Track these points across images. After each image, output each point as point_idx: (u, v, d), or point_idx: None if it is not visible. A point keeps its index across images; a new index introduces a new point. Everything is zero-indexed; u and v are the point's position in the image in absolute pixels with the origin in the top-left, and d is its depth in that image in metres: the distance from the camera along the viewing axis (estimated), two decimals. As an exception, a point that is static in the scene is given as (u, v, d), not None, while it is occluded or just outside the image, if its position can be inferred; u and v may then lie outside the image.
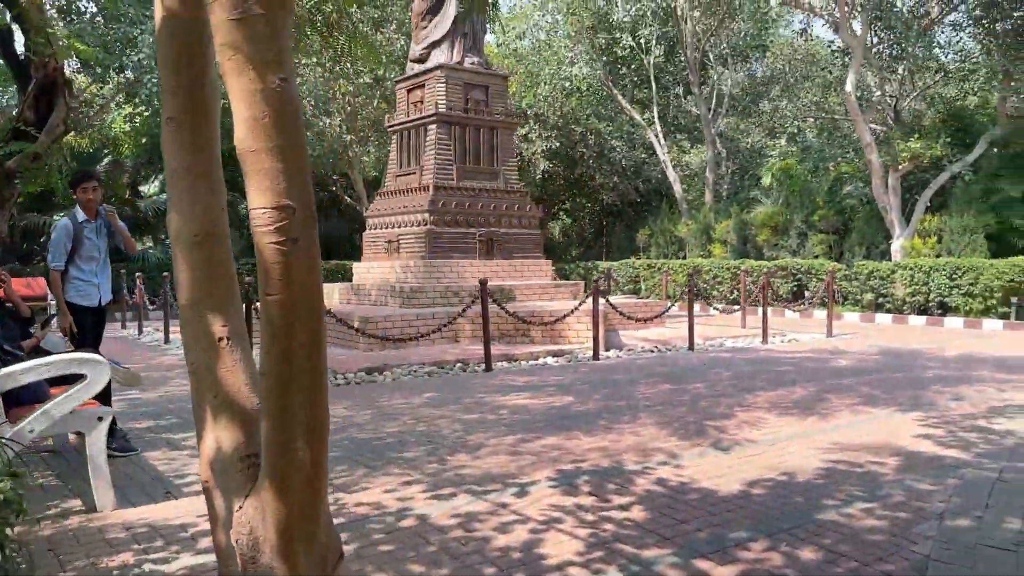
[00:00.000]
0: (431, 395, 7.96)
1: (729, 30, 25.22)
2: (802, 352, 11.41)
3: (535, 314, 12.03)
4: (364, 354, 10.92)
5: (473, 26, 14.74)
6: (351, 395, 8.05)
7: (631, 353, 11.59)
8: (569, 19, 22.75)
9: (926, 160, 17.33)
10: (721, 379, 8.84)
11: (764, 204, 21.96)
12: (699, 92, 24.74)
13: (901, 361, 10.25)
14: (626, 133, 26.69)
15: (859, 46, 16.92)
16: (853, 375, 9.01)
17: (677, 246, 24.24)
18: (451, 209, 13.96)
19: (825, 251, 19.54)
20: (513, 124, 15.19)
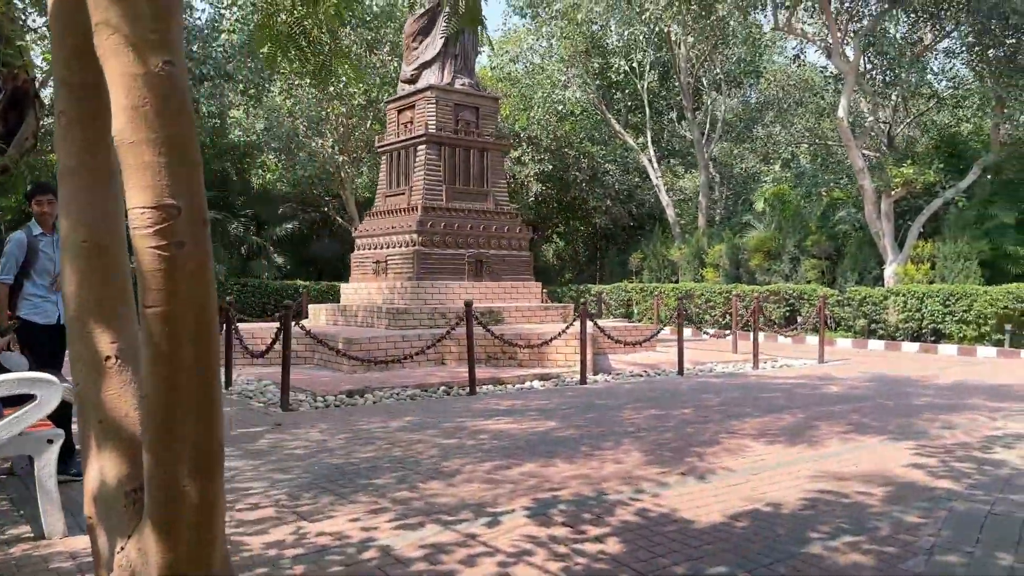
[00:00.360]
0: (411, 419, 7.76)
1: (723, 55, 25.29)
2: (793, 378, 11.24)
3: (522, 337, 11.84)
4: (347, 376, 10.71)
5: (464, 47, 14.69)
6: (328, 418, 7.84)
7: (619, 377, 11.40)
8: (563, 43, 22.78)
9: (919, 186, 17.28)
10: (709, 405, 8.65)
11: (757, 229, 21.89)
12: (692, 117, 24.76)
13: (893, 388, 10.08)
14: (619, 157, 26.67)
15: (852, 72, 16.91)
16: (843, 402, 8.84)
17: (670, 270, 24.13)
18: (440, 230, 13.82)
19: (818, 276, 19.43)
20: (503, 145, 15.10)
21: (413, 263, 13.53)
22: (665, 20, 19.37)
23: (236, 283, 20.82)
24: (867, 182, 17.21)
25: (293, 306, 8.90)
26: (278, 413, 8.18)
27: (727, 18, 18.35)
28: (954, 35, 19.49)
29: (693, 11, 17.44)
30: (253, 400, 9.08)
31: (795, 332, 16.63)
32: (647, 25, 19.36)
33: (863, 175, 17.25)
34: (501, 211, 14.77)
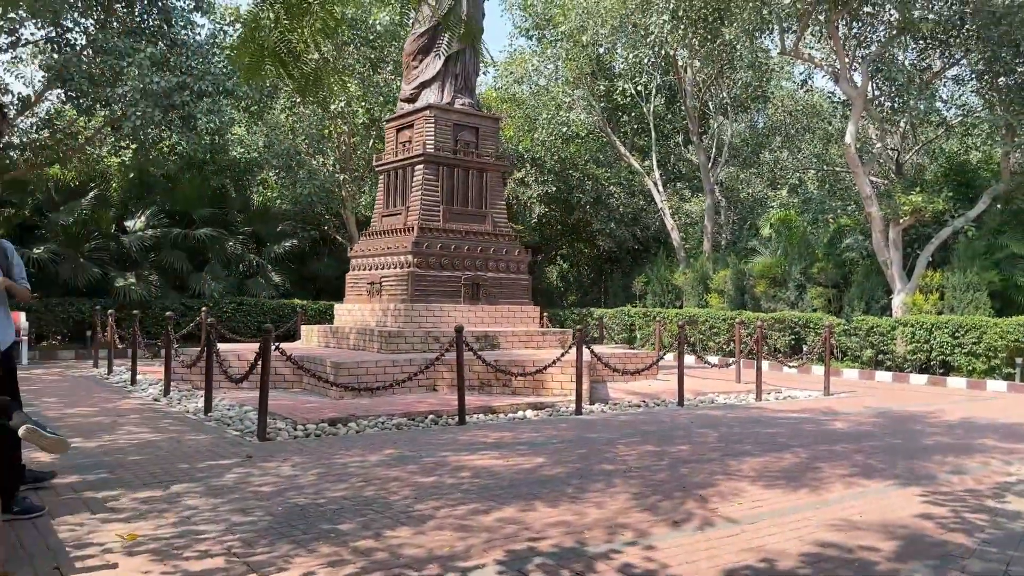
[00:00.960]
0: (392, 451, 7.38)
1: (730, 80, 25.04)
2: (796, 411, 10.83)
3: (516, 363, 11.47)
4: (333, 402, 10.36)
5: (465, 67, 14.46)
6: (304, 450, 7.47)
7: (616, 408, 11.01)
8: (568, 64, 22.56)
9: (928, 214, 16.90)
10: (707, 441, 8.25)
11: (763, 255, 21.51)
12: (699, 141, 24.47)
13: (900, 425, 9.66)
14: (624, 180, 26.38)
15: (859, 98, 16.61)
16: (848, 440, 8.43)
17: (674, 295, 23.75)
18: (436, 251, 13.50)
19: (824, 305, 19.02)
20: (503, 166, 14.82)
21: (408, 285, 13.20)
22: (671, 44, 19.13)
23: (232, 302, 20.52)
24: (875, 209, 16.85)
25: (273, 329, 8.56)
26: (254, 443, 7.82)
27: (734, 42, 18.09)
28: (963, 63, 19.20)
29: (699, 35, 17.18)
30: (231, 428, 8.72)
31: (801, 362, 16.21)
32: (652, 48, 19.11)
33: (870, 202, 16.89)
34: (500, 233, 14.45)
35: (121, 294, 19.21)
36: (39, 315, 18.36)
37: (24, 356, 16.41)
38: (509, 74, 24.41)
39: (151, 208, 20.89)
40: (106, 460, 6.87)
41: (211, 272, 20.92)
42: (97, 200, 20.31)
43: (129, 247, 19.90)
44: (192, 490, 5.80)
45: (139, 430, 8.48)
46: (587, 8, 20.47)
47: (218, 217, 22.05)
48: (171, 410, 10.08)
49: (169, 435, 8.17)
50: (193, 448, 7.46)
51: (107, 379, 13.72)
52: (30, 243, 19.02)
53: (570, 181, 24.43)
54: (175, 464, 6.71)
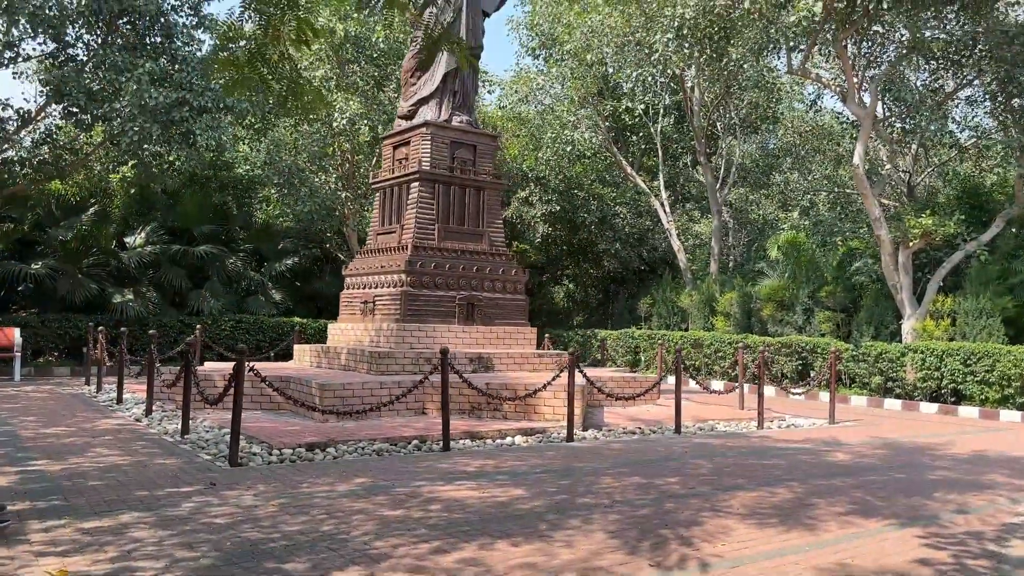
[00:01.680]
0: (364, 480, 7.04)
1: (738, 100, 24.74)
2: (798, 441, 10.40)
3: (508, 386, 11.13)
4: (317, 425, 10.04)
5: (463, 85, 14.23)
6: (275, 477, 7.14)
7: (610, 434, 10.62)
8: (573, 83, 22.34)
9: (938, 238, 16.45)
10: (699, 473, 7.86)
11: (770, 277, 21.08)
12: (706, 161, 24.16)
13: (905, 458, 9.23)
14: (631, 200, 26.07)
15: (868, 118, 16.25)
16: (848, 474, 8.01)
17: (680, 317, 23.33)
18: (430, 270, 13.20)
19: (832, 329, 18.56)
20: (501, 184, 14.54)
21: (400, 304, 12.90)
22: (676, 63, 18.87)
23: (230, 319, 20.29)
24: (884, 232, 16.44)
25: (247, 349, 8.25)
26: (224, 469, 7.50)
27: (740, 61, 17.81)
28: (976, 83, 18.83)
29: (705, 54, 16.91)
30: (205, 451, 8.41)
31: (807, 389, 15.75)
32: (655, 67, 18.84)
33: (879, 224, 16.48)
34: (496, 252, 14.15)
35: (119, 311, 19.02)
36: (36, 331, 18.19)
37: (17, 372, 16.21)
38: (514, 92, 24.21)
39: (151, 224, 20.75)
40: (64, 485, 6.57)
41: (210, 289, 20.72)
42: (97, 216, 20.20)
43: (128, 263, 19.74)
44: (142, 520, 5.48)
45: (109, 452, 8.19)
46: (592, 27, 20.26)
47: (219, 234, 21.88)
48: (149, 431, 9.79)
49: (138, 458, 7.87)
50: (158, 473, 7.15)
51: (95, 397, 13.47)
52: (30, 258, 18.91)
53: (575, 200, 24.14)
54: (133, 491, 6.39)
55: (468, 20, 14.07)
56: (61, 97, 15.43)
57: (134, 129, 15.69)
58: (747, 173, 30.15)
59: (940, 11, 16.33)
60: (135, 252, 19.99)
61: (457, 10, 14.03)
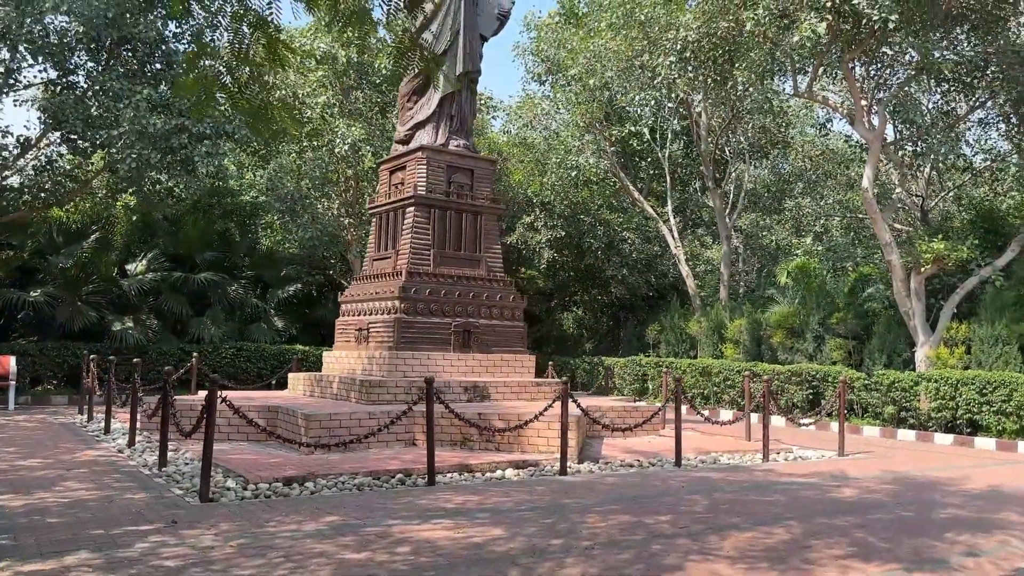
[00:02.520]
0: (335, 519, 6.68)
1: (747, 124, 24.43)
2: (803, 475, 9.93)
3: (502, 416, 10.75)
4: (300, 458, 9.69)
5: (461, 109, 14.03)
6: (242, 514, 6.80)
7: (607, 467, 10.20)
8: (578, 108, 22.13)
9: (951, 263, 15.97)
10: (693, 510, 7.44)
11: (780, 304, 20.61)
12: (714, 187, 23.83)
13: (914, 494, 8.75)
14: (638, 225, 25.73)
15: (876, 140, 15.88)
16: (852, 512, 7.55)
17: (688, 344, 22.87)
18: (424, 297, 12.90)
19: (844, 357, 18.04)
20: (498, 209, 14.25)
21: (394, 332, 12.59)
22: (679, 86, 18.62)
23: (231, 347, 20.06)
24: (895, 257, 15.99)
25: (218, 379, 7.95)
26: (193, 505, 7.17)
27: (746, 85, 17.53)
28: (989, 105, 18.42)
29: (709, 77, 16.64)
30: (179, 485, 8.09)
31: (816, 419, 15.25)
32: (658, 90, 18.58)
33: (890, 249, 16.04)
34: (494, 278, 13.84)
35: (118, 338, 18.83)
36: (34, 359, 18.02)
37: (11, 401, 16.00)
38: (518, 118, 24.04)
39: (153, 251, 20.61)
40: (20, 523, 6.25)
41: (211, 317, 20.51)
42: (99, 243, 20.10)
43: (128, 291, 19.58)
44: (88, 563, 5.15)
45: (79, 486, 7.88)
46: (595, 51, 20.07)
47: (222, 261, 21.72)
48: (129, 463, 9.49)
49: (107, 493, 7.56)
50: (123, 509, 6.83)
51: (84, 427, 13.21)
52: (30, 286, 18.79)
53: (581, 226, 23.83)
54: (89, 530, 6.07)
55: (465, 43, 13.90)
56: (59, 124, 15.38)
57: (132, 156, 15.58)
58: (758, 198, 29.78)
59: (950, 31, 16.00)
60: (135, 279, 19.84)
61: (454, 33, 13.87)
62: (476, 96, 14.82)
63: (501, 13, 14.76)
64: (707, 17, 15.71)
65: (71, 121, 15.23)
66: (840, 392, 12.78)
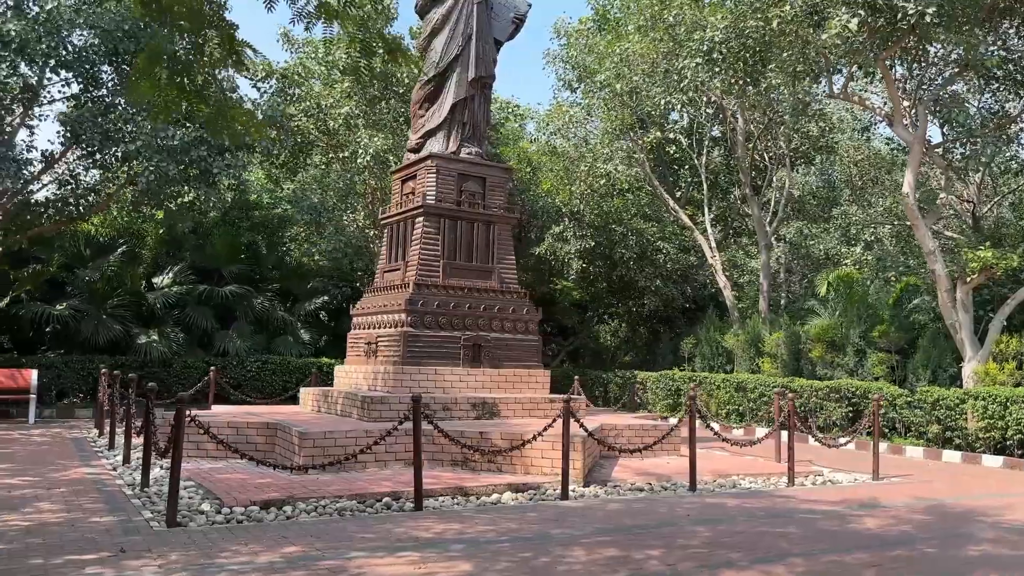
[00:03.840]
0: (293, 550, 6.22)
1: (789, 128, 23.51)
2: (828, 502, 9.16)
3: (506, 435, 10.21)
4: (290, 478, 9.29)
5: (473, 115, 13.59)
6: (201, 542, 6.39)
7: (614, 491, 9.58)
8: (608, 115, 21.52)
9: (1000, 272, 14.93)
10: (691, 544, 6.80)
11: (821, 316, 19.65)
12: (751, 194, 22.97)
13: (947, 526, 7.94)
14: (670, 235, 24.93)
15: (917, 143, 14.95)
16: (870, 547, 6.82)
17: (725, 358, 22.00)
18: (432, 310, 12.44)
19: (886, 372, 17.03)
20: (512, 218, 13.74)
21: (400, 346, 12.16)
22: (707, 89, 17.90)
23: (257, 360, 19.92)
24: (939, 267, 15.01)
25: (186, 395, 7.58)
26: (158, 530, 6.79)
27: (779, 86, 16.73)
28: (1044, 104, 17.30)
29: (738, 79, 15.91)
30: (152, 508, 7.73)
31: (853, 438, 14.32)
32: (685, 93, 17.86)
33: (934, 259, 15.06)
34: (507, 290, 13.32)
35: (143, 352, 18.83)
36: (60, 372, 18.11)
37: (31, 415, 16.01)
38: (546, 126, 23.52)
39: (180, 265, 20.63)
40: (-36, 550, 5.95)
41: (237, 330, 20.42)
42: (126, 256, 20.17)
43: (153, 303, 19.59)
44: (4, 600, 4.78)
45: (50, 508, 7.59)
46: (622, 56, 19.47)
47: (248, 273, 21.65)
48: (116, 482, 9.21)
49: (74, 515, 7.24)
50: (80, 535, 6.49)
51: (94, 442, 13.07)
52: (56, 299, 18.91)
53: (612, 236, 23.16)
54: (30, 559, 5.73)
55: (478, 48, 13.48)
56: (77, 138, 15.38)
57: (150, 169, 15.51)
58: (802, 206, 28.72)
59: (997, 26, 15.03)
60: (161, 292, 19.84)
61: (466, 38, 13.47)
62: (490, 102, 14.37)
63: (517, 17, 14.33)
64: (734, 17, 15.03)
65: (89, 135, 15.22)
66: (874, 410, 11.95)
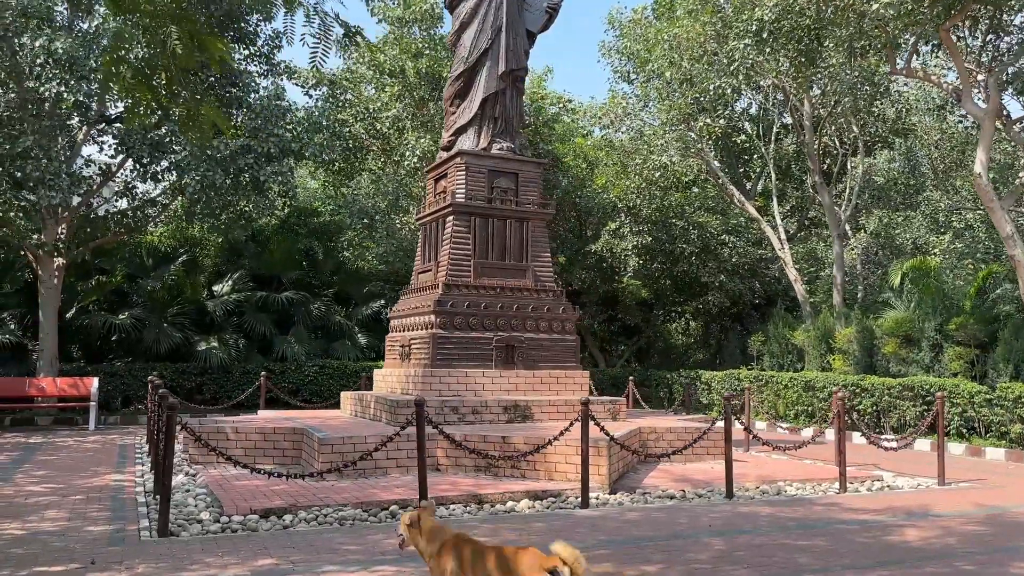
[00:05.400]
0: (268, 563, 5.98)
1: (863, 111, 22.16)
2: (874, 510, 8.38)
3: (528, 440, 9.77)
4: (307, 484, 9.10)
5: (505, 110, 13.21)
6: (182, 553, 6.22)
7: (641, 499, 9.02)
8: (661, 105, 20.76)
9: (1087, 256, 13.59)
10: (696, 558, 6.23)
11: (896, 308, 18.40)
12: (821, 182, 21.81)
13: (998, 540, 7.09)
14: (733, 228, 23.89)
15: (989, 119, 13.75)
16: (900, 562, 6.11)
17: (795, 356, 20.92)
18: (462, 311, 12.12)
19: (964, 368, 15.77)
20: (547, 215, 13.28)
21: (430, 348, 11.88)
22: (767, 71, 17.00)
23: (315, 365, 20.06)
24: (1018, 252, 13.77)
25: (178, 404, 7.45)
26: (143, 540, 6.68)
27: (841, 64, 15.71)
28: None
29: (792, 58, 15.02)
30: (154, 517, 7.65)
31: (915, 437, 13.27)
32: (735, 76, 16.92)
33: (1012, 243, 13.83)
34: (542, 288, 12.88)
35: (203, 358, 19.21)
36: (124, 380, 18.64)
37: (92, 421, 16.47)
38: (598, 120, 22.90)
39: (239, 272, 20.99)
40: (-55, 560, 5.94)
41: (295, 335, 20.63)
42: (186, 266, 20.65)
43: (212, 311, 19.98)
44: (-53, 614, 4.68)
45: (56, 515, 7.62)
46: (671, 42, 18.73)
47: (306, 279, 21.88)
48: (136, 490, 9.23)
49: (74, 524, 7.23)
50: (65, 544, 6.44)
51: (140, 449, 13.28)
52: (119, 309, 19.49)
53: (672, 230, 22.36)
54: (2, 570, 5.66)
55: (508, 40, 13.10)
56: (127, 150, 15.75)
57: (196, 178, 15.76)
58: (883, 193, 27.18)
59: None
60: (220, 300, 20.22)
61: (496, 31, 13.11)
62: (523, 95, 13.97)
63: (551, 6, 13.89)
64: (784, -7, 14.19)
65: (138, 147, 15.56)
66: (938, 409, 10.98)
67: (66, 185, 14.72)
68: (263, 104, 17.03)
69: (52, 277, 17.35)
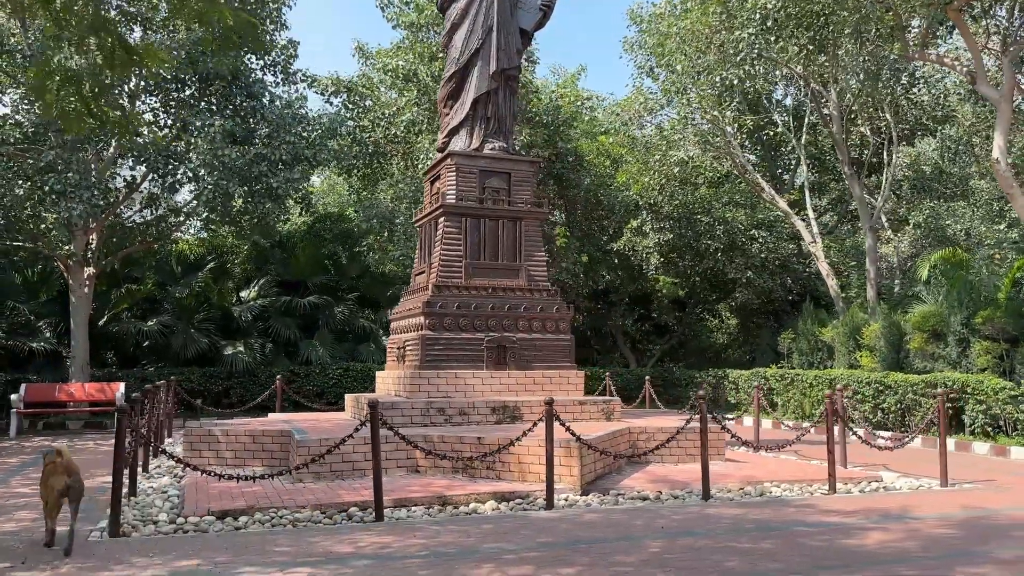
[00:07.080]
0: (188, 564, 6.05)
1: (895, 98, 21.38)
2: (847, 512, 8.03)
3: (503, 441, 9.67)
4: (281, 486, 9.19)
5: (498, 109, 13.15)
6: (115, 554, 6.34)
7: (615, 499, 8.86)
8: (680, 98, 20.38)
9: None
10: (625, 561, 6.08)
11: (926, 302, 17.68)
12: (851, 172, 21.13)
13: (962, 544, 6.71)
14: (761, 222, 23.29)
15: (1005, 102, 13.09)
16: (835, 568, 5.85)
17: (825, 352, 20.31)
18: (452, 312, 12.10)
19: (992, 363, 15.06)
20: (540, 214, 13.15)
21: (420, 349, 11.90)
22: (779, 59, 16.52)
23: (339, 368, 20.32)
24: (1041, 240, 13.08)
25: (131, 405, 7.60)
26: (90, 542, 6.83)
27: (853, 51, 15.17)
28: None
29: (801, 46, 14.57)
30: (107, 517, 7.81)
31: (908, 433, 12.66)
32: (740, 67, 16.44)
33: (1034, 231, 13.14)
34: (536, 288, 12.77)
35: (229, 362, 19.64)
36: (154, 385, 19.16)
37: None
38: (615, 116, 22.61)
39: (265, 278, 21.42)
40: None
41: (320, 338, 20.94)
42: (214, 272, 21.14)
43: (239, 316, 20.41)
44: None
45: (26, 516, 7.90)
46: (681, 35, 18.38)
47: (328, 283, 22.18)
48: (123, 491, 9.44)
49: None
50: (14, 544, 6.64)
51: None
52: (150, 315, 20.08)
53: (697, 227, 21.94)
54: (-66, 569, 5.86)
55: (499, 40, 13.04)
56: (140, 160, 16.20)
57: (208, 186, 16.12)
58: (925, 183, 26.16)
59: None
60: (246, 305, 20.64)
61: (487, 31, 13.06)
62: (516, 95, 13.89)
63: (544, 4, 13.78)
64: (787, -21, 13.79)
65: (152, 157, 15.98)
66: (940, 406, 10.51)
67: (87, 197, 15.21)
68: (276, 112, 17.31)
69: (83, 286, 17.96)
